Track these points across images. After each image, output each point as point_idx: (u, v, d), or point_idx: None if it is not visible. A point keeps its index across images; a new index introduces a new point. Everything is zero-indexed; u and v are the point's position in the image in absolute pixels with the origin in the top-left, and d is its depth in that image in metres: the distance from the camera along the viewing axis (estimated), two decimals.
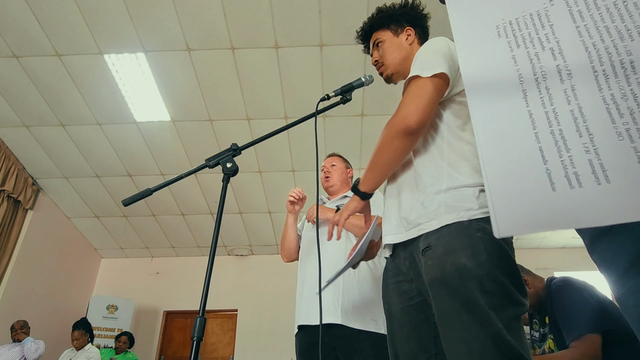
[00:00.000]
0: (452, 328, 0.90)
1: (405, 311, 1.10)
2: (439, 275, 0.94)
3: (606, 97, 0.45)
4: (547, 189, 0.46)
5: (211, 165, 1.11)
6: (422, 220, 1.04)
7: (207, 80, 3.98)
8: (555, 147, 0.47)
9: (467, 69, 0.59)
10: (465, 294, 0.89)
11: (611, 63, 0.46)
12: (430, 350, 1.05)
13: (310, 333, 1.67)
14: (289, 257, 2.02)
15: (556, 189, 0.45)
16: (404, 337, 1.09)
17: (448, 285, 0.92)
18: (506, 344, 0.85)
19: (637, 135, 0.42)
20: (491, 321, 0.86)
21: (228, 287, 6.15)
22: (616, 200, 0.42)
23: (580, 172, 0.44)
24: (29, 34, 3.53)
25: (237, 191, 5.30)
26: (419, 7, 1.36)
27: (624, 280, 0.49)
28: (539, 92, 0.50)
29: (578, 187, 0.44)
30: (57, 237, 5.48)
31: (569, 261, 6.14)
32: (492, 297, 0.89)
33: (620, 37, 0.46)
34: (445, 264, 0.94)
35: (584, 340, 1.69)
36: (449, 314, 0.91)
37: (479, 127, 0.55)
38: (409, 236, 1.07)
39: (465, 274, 0.91)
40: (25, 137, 4.48)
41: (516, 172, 0.49)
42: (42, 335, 4.49)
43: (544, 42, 0.52)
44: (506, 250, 0.96)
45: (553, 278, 1.97)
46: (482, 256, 0.92)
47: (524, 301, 0.93)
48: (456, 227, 0.96)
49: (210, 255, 0.95)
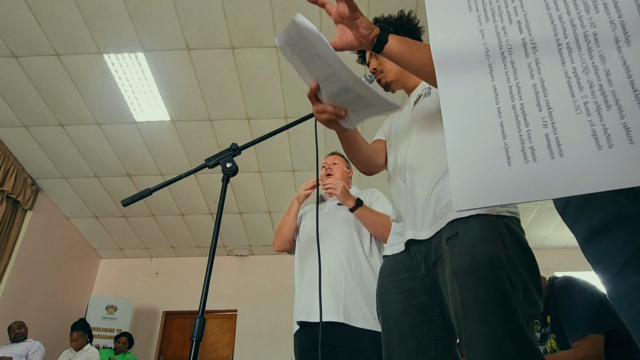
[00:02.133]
0: (474, 319, 0.87)
1: (407, 310, 1.07)
2: (467, 264, 0.91)
3: (568, 71, 0.45)
4: (503, 164, 0.46)
5: (211, 165, 1.10)
6: (449, 209, 1.01)
7: (207, 80, 3.97)
8: (515, 122, 0.47)
9: (436, 44, 0.59)
10: (495, 284, 0.88)
11: (575, 36, 0.45)
12: (430, 353, 1.02)
13: (310, 333, 1.66)
14: (282, 247, 1.99)
15: (511, 164, 0.45)
16: (401, 338, 1.06)
17: (477, 275, 0.90)
18: (527, 341, 0.84)
19: (594, 109, 0.42)
20: (517, 315, 0.85)
21: (228, 288, 6.14)
22: (567, 173, 0.42)
23: (536, 147, 0.44)
24: (28, 34, 3.52)
25: (237, 191, 5.29)
26: (415, 20, 1.37)
27: (616, 281, 0.48)
28: (505, 67, 0.50)
29: (532, 161, 0.44)
30: (56, 238, 5.47)
31: (569, 261, 6.13)
32: (517, 292, 0.89)
33: (586, 8, 0.45)
34: (475, 253, 0.92)
35: (587, 341, 1.68)
36: (473, 304, 0.88)
37: (444, 103, 0.55)
38: (435, 230, 1.04)
39: (497, 264, 0.89)
40: (24, 137, 4.47)
41: (476, 147, 0.49)
42: (41, 335, 4.48)
43: (512, 15, 0.51)
44: (529, 250, 0.97)
45: (556, 277, 1.96)
46: (510, 250, 0.92)
47: (540, 304, 0.93)
48: (485, 219, 0.96)
49: (210, 255, 0.94)
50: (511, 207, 1.02)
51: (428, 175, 1.10)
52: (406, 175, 1.16)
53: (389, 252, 1.20)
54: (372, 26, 0.90)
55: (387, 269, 1.17)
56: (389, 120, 1.43)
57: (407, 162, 1.17)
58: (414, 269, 1.10)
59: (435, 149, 1.11)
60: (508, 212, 0.99)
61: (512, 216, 1.00)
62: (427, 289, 1.06)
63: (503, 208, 0.99)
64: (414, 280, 1.09)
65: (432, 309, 1.05)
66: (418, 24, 1.38)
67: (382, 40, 0.91)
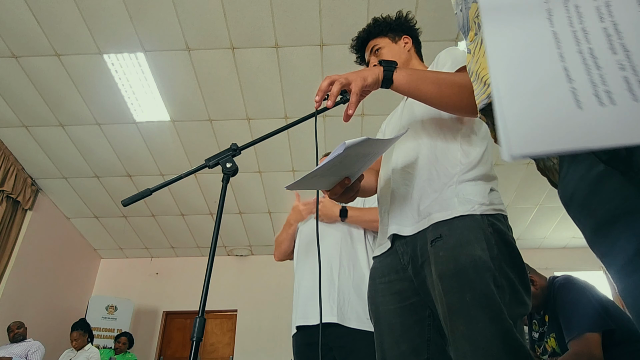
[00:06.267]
0: (461, 322, 0.87)
1: (398, 312, 1.07)
2: (452, 267, 0.91)
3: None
4: (572, 107, 0.42)
5: (211, 165, 1.10)
6: (433, 210, 1.01)
7: (207, 80, 3.97)
8: (583, 66, 0.43)
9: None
10: (480, 286, 0.87)
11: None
12: (422, 355, 1.01)
13: (308, 334, 1.67)
14: (282, 259, 2.05)
15: (583, 107, 0.42)
16: (394, 340, 1.05)
17: (461, 278, 0.89)
18: (516, 342, 0.83)
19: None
20: (503, 316, 0.85)
21: (228, 288, 6.15)
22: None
23: (614, 90, 0.41)
24: (28, 34, 3.52)
25: (237, 191, 5.29)
26: (413, 20, 1.40)
27: (621, 277, 0.48)
28: (567, 11, 0.46)
29: (610, 104, 0.41)
30: (56, 238, 5.47)
31: (569, 261, 6.14)
32: (503, 293, 0.88)
33: None
34: (459, 255, 0.91)
35: (582, 340, 1.69)
36: (459, 307, 0.88)
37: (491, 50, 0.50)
38: (419, 228, 1.03)
39: (481, 265, 0.89)
40: (24, 137, 4.48)
41: (533, 91, 0.45)
42: (41, 335, 4.49)
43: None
44: (515, 248, 0.96)
45: (555, 277, 1.97)
46: (495, 251, 0.91)
47: (528, 302, 0.92)
48: (469, 220, 0.95)
49: (210, 255, 0.94)
50: (497, 204, 1.01)
51: (413, 171, 1.10)
52: (391, 171, 1.17)
53: (378, 253, 1.19)
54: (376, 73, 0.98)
55: (377, 271, 1.16)
56: (386, 121, 1.44)
57: (392, 159, 1.18)
58: (402, 270, 1.09)
59: (421, 144, 1.12)
60: (493, 210, 0.98)
61: (498, 214, 0.99)
62: (417, 290, 1.06)
63: (488, 206, 0.97)
64: (404, 282, 1.08)
65: (422, 310, 1.04)
66: (415, 25, 1.40)
67: (388, 78, 0.98)
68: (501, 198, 1.05)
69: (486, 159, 1.07)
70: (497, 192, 1.04)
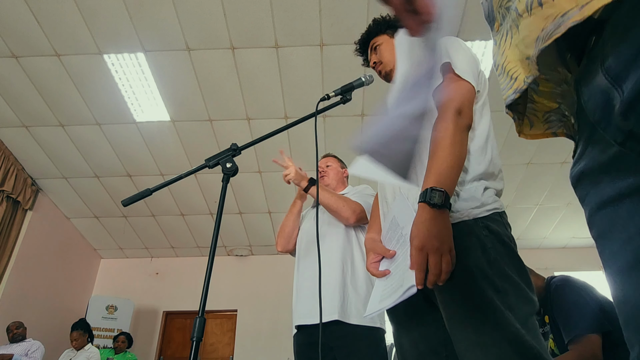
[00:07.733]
0: (467, 332, 0.86)
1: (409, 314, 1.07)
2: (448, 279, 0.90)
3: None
4: None
5: (211, 165, 1.11)
6: None
7: (207, 80, 3.97)
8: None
9: None
10: (479, 295, 0.86)
11: None
12: (441, 353, 1.02)
13: (308, 333, 1.67)
14: (285, 246, 1.98)
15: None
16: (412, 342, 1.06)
17: (458, 289, 0.88)
18: (525, 345, 0.82)
19: None
20: (509, 321, 0.83)
21: (228, 288, 6.14)
22: None
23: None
24: (28, 34, 3.53)
25: (237, 191, 5.29)
26: None
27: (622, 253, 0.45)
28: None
29: None
30: (56, 238, 5.47)
31: (569, 261, 6.14)
32: (506, 296, 0.86)
33: None
34: (454, 266, 0.89)
35: (582, 342, 1.68)
36: (461, 318, 0.87)
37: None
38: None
39: (478, 274, 0.88)
40: (24, 137, 4.47)
41: None
42: (41, 335, 4.49)
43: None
44: (512, 247, 0.94)
45: (553, 277, 1.96)
46: (491, 255, 0.90)
47: (534, 299, 0.91)
48: (462, 227, 0.94)
49: (210, 255, 0.94)
50: (491, 203, 0.98)
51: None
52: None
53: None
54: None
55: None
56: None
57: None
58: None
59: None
60: (487, 211, 0.96)
61: (492, 213, 0.97)
62: (427, 296, 1.06)
63: (481, 209, 0.95)
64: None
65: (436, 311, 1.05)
66: None
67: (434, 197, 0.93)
68: (498, 192, 1.03)
69: (480, 158, 1.04)
70: (491, 190, 1.01)
